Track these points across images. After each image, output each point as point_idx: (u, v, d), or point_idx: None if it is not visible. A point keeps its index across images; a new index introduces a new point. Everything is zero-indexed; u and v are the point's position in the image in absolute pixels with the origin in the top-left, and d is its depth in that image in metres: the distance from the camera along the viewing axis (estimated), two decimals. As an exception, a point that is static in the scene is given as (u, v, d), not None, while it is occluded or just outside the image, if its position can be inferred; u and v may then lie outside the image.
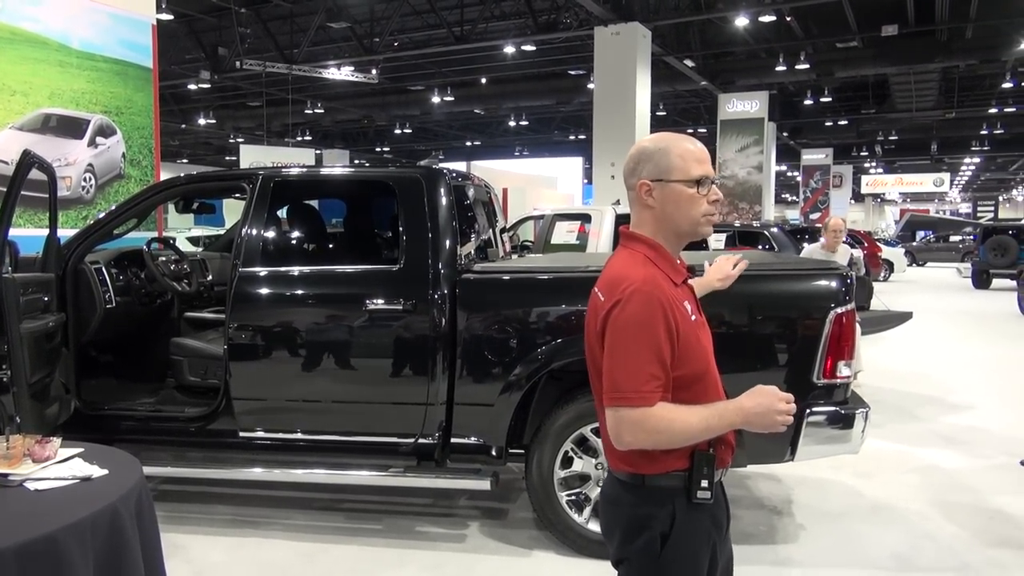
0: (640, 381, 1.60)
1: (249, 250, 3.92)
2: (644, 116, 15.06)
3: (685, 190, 1.70)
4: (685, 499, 1.69)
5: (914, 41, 17.27)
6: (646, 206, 1.74)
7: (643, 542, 1.69)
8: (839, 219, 6.64)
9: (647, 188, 1.72)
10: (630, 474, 1.72)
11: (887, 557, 3.74)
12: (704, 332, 1.78)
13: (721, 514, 1.81)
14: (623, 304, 1.63)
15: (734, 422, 1.67)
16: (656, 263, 1.71)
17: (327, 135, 32.34)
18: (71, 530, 1.85)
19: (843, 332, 3.43)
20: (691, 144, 1.73)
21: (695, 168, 1.70)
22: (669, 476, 1.69)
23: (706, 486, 1.68)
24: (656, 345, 1.61)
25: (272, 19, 17.70)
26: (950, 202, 58.16)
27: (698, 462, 1.68)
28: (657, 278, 1.67)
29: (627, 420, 1.62)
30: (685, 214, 1.71)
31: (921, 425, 6.18)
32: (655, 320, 1.62)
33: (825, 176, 31.98)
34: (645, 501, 1.70)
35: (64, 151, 6.41)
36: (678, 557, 1.69)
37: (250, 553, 3.78)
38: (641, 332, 1.61)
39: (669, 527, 1.68)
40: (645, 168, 1.73)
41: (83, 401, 4.09)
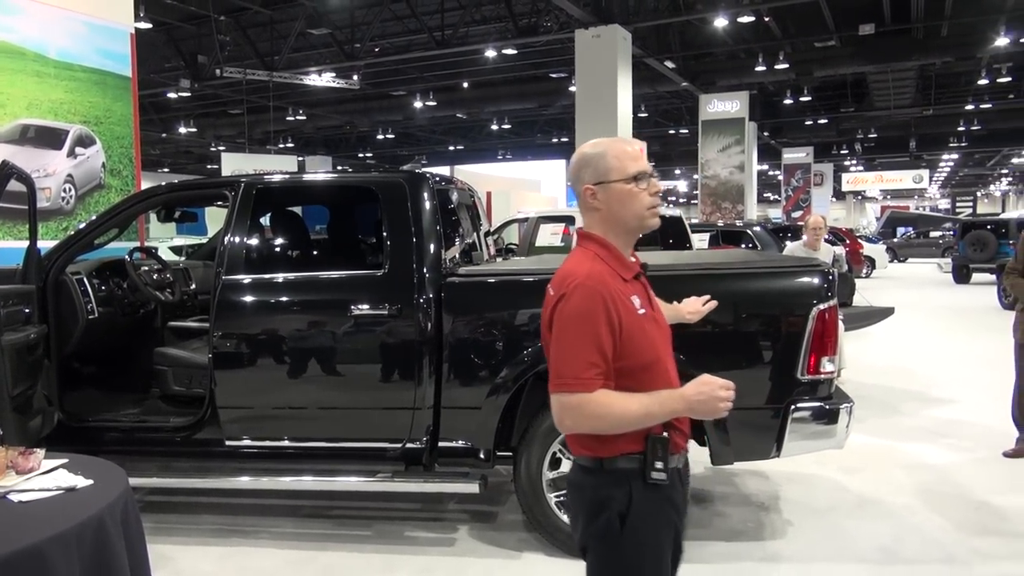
0: (580, 369, 1.71)
1: (232, 258, 3.90)
2: (626, 118, 15.12)
3: (625, 187, 1.82)
4: (641, 480, 1.78)
5: (891, 39, 17.46)
6: (594, 208, 1.85)
7: (603, 522, 1.78)
8: (819, 217, 6.70)
9: (591, 192, 1.84)
10: (589, 458, 1.81)
11: (874, 550, 3.78)
12: (654, 325, 1.87)
13: (679, 499, 1.90)
14: (568, 297, 1.75)
15: (676, 409, 1.76)
16: (605, 260, 1.82)
17: (309, 142, 32.23)
18: (56, 541, 1.84)
19: (826, 328, 3.46)
20: (626, 144, 1.86)
21: (631, 165, 1.82)
22: (625, 458, 1.78)
23: (660, 467, 1.77)
24: (597, 336, 1.72)
25: (252, 26, 17.63)
26: (930, 198, 58.78)
27: (652, 445, 1.77)
28: (603, 274, 1.78)
29: (567, 405, 1.73)
30: (630, 210, 1.83)
31: (905, 419, 6.24)
32: (596, 312, 1.72)
33: (806, 175, 32.22)
34: (604, 483, 1.79)
35: (43, 162, 6.35)
36: (638, 536, 1.78)
37: (238, 562, 3.76)
38: (583, 323, 1.72)
39: (627, 507, 1.77)
40: (586, 173, 1.84)
41: (66, 413, 4.05)
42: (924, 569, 3.59)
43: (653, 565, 1.82)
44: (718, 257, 5.43)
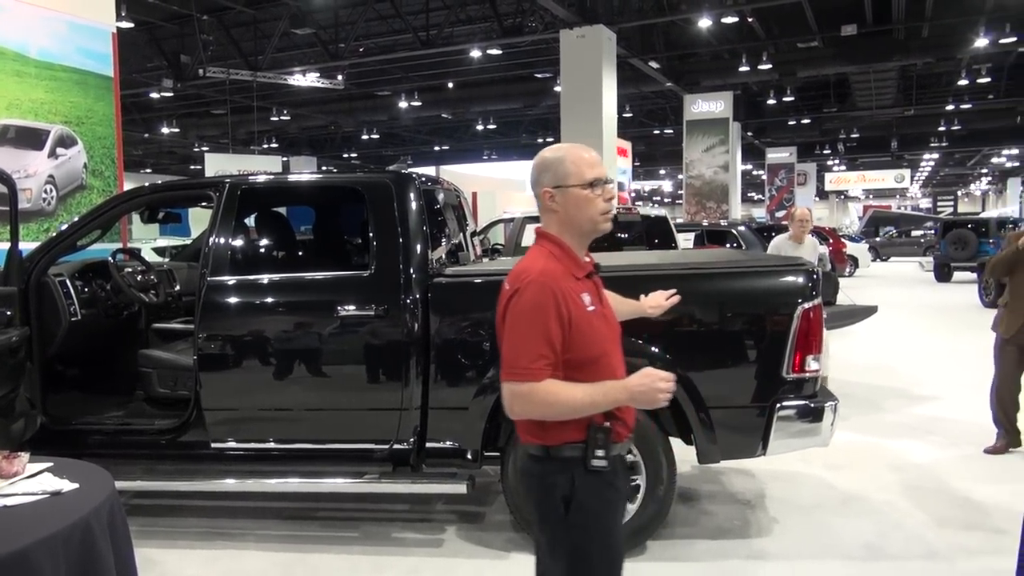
0: (529, 359, 1.83)
1: (217, 259, 3.88)
2: (611, 118, 15.16)
3: (581, 192, 1.93)
4: (583, 467, 1.90)
5: (873, 40, 17.62)
6: (551, 210, 1.96)
7: (550, 507, 1.92)
8: (805, 209, 6.67)
9: (549, 195, 1.95)
10: (537, 446, 1.94)
11: (858, 547, 3.81)
12: (603, 321, 1.98)
13: (623, 485, 2.02)
14: (521, 292, 1.87)
15: (620, 399, 1.89)
16: (559, 259, 1.94)
17: (294, 142, 32.07)
18: (42, 545, 1.82)
19: (811, 327, 3.49)
20: (585, 152, 1.97)
21: (588, 172, 1.93)
22: (569, 447, 1.91)
23: (601, 455, 1.89)
24: (546, 329, 1.84)
25: (235, 26, 17.52)
26: (911, 198, 59.34)
27: (593, 434, 1.89)
28: (556, 271, 1.91)
29: (516, 393, 1.86)
30: (585, 214, 1.94)
31: (888, 416, 6.30)
32: (547, 307, 1.84)
33: (790, 174, 32.46)
34: (550, 470, 1.93)
35: (24, 162, 6.28)
36: (582, 518, 1.90)
37: (225, 565, 3.73)
38: (534, 317, 1.85)
39: (570, 491, 1.90)
40: (546, 177, 1.96)
41: (49, 416, 4.01)
42: (908, 565, 3.62)
43: (601, 546, 1.93)
44: (704, 257, 5.46)
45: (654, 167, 42.34)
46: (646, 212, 9.50)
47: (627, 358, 3.51)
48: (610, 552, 1.94)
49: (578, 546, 1.92)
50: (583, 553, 1.92)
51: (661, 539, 3.84)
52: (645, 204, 42.78)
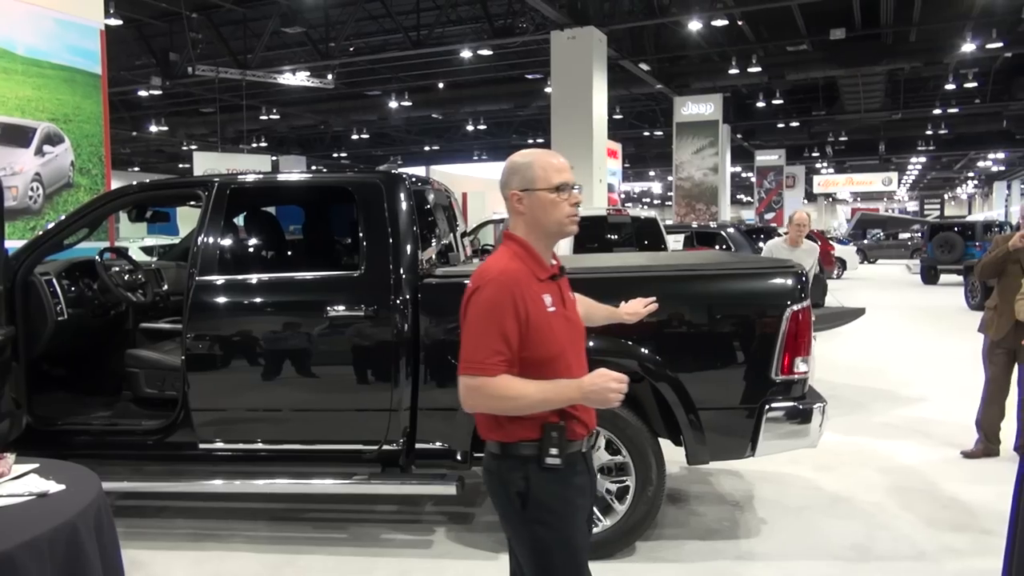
0: (484, 355, 1.88)
1: (206, 258, 3.86)
2: (601, 120, 15.19)
3: (548, 196, 1.99)
4: (536, 464, 1.95)
5: (861, 44, 17.73)
6: (518, 213, 2.02)
7: (508, 501, 1.99)
8: (803, 213, 6.53)
9: (517, 197, 2.01)
10: (496, 443, 2.01)
11: (847, 548, 3.83)
12: (563, 322, 2.03)
13: (584, 482, 2.06)
14: (480, 290, 1.93)
15: (572, 397, 1.92)
16: (523, 259, 2.00)
17: (283, 141, 31.95)
18: (28, 548, 1.80)
19: (799, 329, 3.51)
20: (552, 157, 2.03)
21: (555, 177, 1.99)
22: (525, 444, 1.96)
23: (555, 453, 1.94)
24: (503, 326, 1.89)
25: (224, 24, 17.43)
26: (898, 201, 59.75)
27: (547, 432, 1.94)
28: (517, 271, 1.96)
29: (470, 387, 1.90)
30: (551, 217, 2.00)
31: (877, 418, 6.34)
32: (504, 305, 1.89)
33: (778, 177, 32.62)
34: (506, 467, 1.99)
35: (10, 160, 6.22)
36: (538, 513, 1.96)
37: (213, 567, 3.71)
38: (491, 314, 1.90)
39: (525, 488, 1.95)
40: (514, 180, 2.02)
41: (35, 417, 3.98)
42: (896, 566, 3.64)
43: (560, 541, 1.97)
44: (693, 258, 5.48)
45: (644, 169, 42.45)
46: (636, 214, 9.51)
47: (616, 360, 3.57)
48: (569, 546, 1.98)
49: (537, 540, 1.97)
50: (543, 547, 1.97)
51: (650, 540, 3.85)
52: (635, 206, 42.88)
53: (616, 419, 3.57)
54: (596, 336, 3.59)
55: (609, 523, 3.64)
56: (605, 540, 3.64)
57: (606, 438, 3.61)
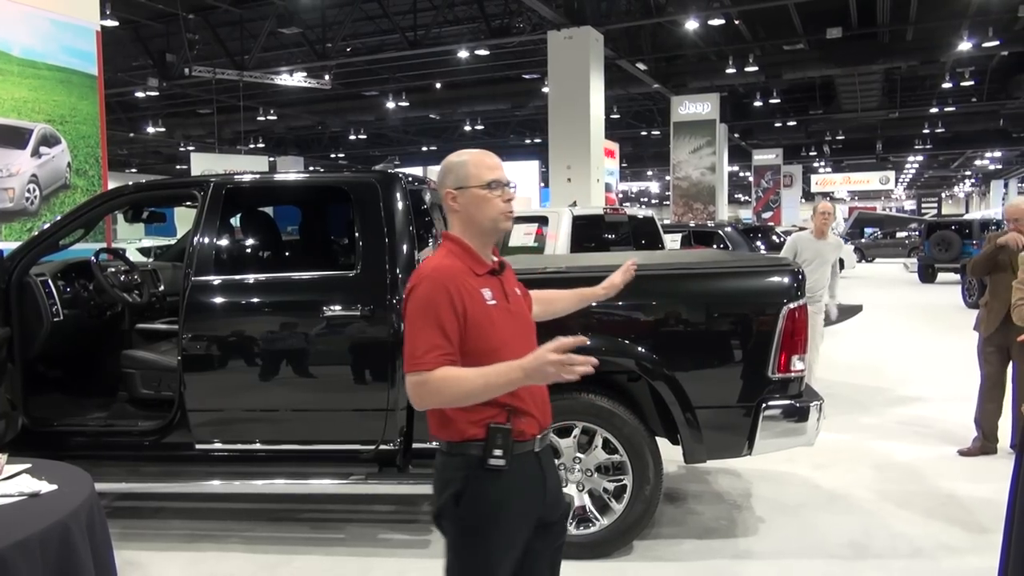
0: (423, 351, 1.89)
1: (202, 259, 3.85)
2: (598, 120, 15.19)
3: (480, 193, 2.02)
4: (479, 465, 1.93)
5: (858, 43, 17.76)
6: (454, 211, 2.06)
7: (445, 500, 1.98)
8: (827, 202, 6.36)
9: (452, 196, 2.05)
10: (443, 442, 2.01)
11: (844, 545, 3.83)
12: (505, 315, 2.04)
13: (534, 487, 2.02)
14: (416, 288, 1.96)
15: (514, 378, 1.86)
16: (459, 256, 2.03)
17: (280, 142, 31.94)
18: (19, 548, 1.80)
19: (796, 327, 3.51)
20: (486, 157, 2.08)
21: (487, 174, 2.03)
22: (469, 444, 1.95)
23: (499, 454, 1.92)
24: (439, 321, 1.91)
25: (221, 25, 17.42)
26: (896, 199, 59.82)
27: (492, 433, 1.93)
28: (452, 268, 1.98)
29: (414, 383, 1.90)
30: (484, 213, 2.03)
31: (873, 416, 6.34)
32: (439, 301, 1.92)
33: (776, 176, 32.64)
34: (449, 465, 1.99)
35: (6, 162, 6.21)
36: (471, 514, 1.94)
37: (209, 568, 3.70)
38: (427, 310, 1.92)
39: (463, 488, 1.94)
40: (448, 179, 2.06)
41: (31, 418, 3.97)
42: (893, 563, 3.64)
43: (480, 544, 1.96)
44: (690, 257, 5.47)
45: (641, 168, 42.46)
46: (633, 213, 9.51)
47: (615, 358, 3.57)
48: (490, 553, 1.96)
49: (460, 541, 1.98)
50: (462, 548, 1.97)
51: (648, 539, 3.84)
52: (632, 205, 42.89)
53: (613, 418, 3.57)
54: (594, 335, 3.60)
55: (606, 522, 3.64)
56: (602, 539, 3.64)
57: (603, 437, 3.61)
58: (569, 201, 11.75)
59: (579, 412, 3.61)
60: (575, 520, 3.65)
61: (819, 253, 6.12)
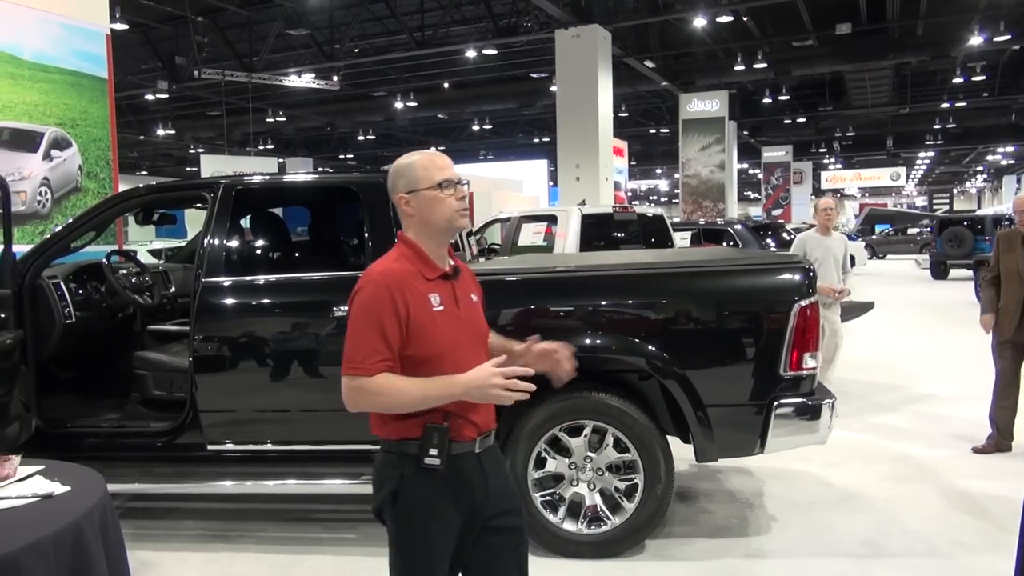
0: (363, 355, 1.90)
1: (212, 260, 3.86)
2: (607, 118, 15.17)
3: (432, 194, 2.00)
4: (415, 463, 1.94)
5: (867, 39, 17.65)
6: (408, 215, 2.04)
7: (382, 498, 2.00)
8: (828, 198, 6.30)
9: (405, 200, 2.02)
10: (382, 440, 2.02)
11: (857, 544, 3.80)
12: (453, 321, 2.01)
13: (472, 487, 2.01)
14: (360, 291, 1.96)
15: (454, 393, 1.90)
16: (410, 260, 2.01)
17: (289, 143, 32.05)
18: (33, 550, 1.80)
19: (808, 324, 3.48)
20: (436, 158, 2.06)
21: (437, 174, 2.01)
22: (405, 443, 1.96)
23: (435, 454, 1.93)
24: (380, 325, 1.90)
25: (230, 27, 17.49)
26: (907, 196, 59.47)
27: (428, 432, 1.93)
28: (399, 272, 1.97)
29: (350, 387, 1.91)
30: (439, 214, 2.01)
31: (886, 414, 6.30)
32: (381, 305, 1.91)
33: (786, 173, 32.51)
34: (387, 463, 2.00)
35: (18, 165, 6.25)
36: (407, 511, 1.96)
37: (222, 568, 3.72)
38: (368, 314, 1.91)
39: (398, 486, 1.96)
40: (400, 184, 2.04)
41: (44, 419, 3.99)
42: (908, 562, 3.61)
43: (417, 540, 1.97)
44: (700, 255, 5.46)
45: (650, 166, 42.39)
46: (642, 211, 9.48)
47: (626, 357, 3.56)
48: (428, 552, 1.97)
49: (398, 538, 1.99)
50: (401, 544, 1.99)
51: (659, 538, 3.83)
52: (642, 203, 42.78)
53: (624, 416, 3.56)
54: (603, 334, 3.59)
55: (618, 521, 3.63)
56: (614, 538, 3.63)
57: (614, 436, 3.60)
58: (578, 200, 11.74)
59: (589, 411, 3.60)
60: (587, 520, 3.64)
61: (828, 250, 6.09)
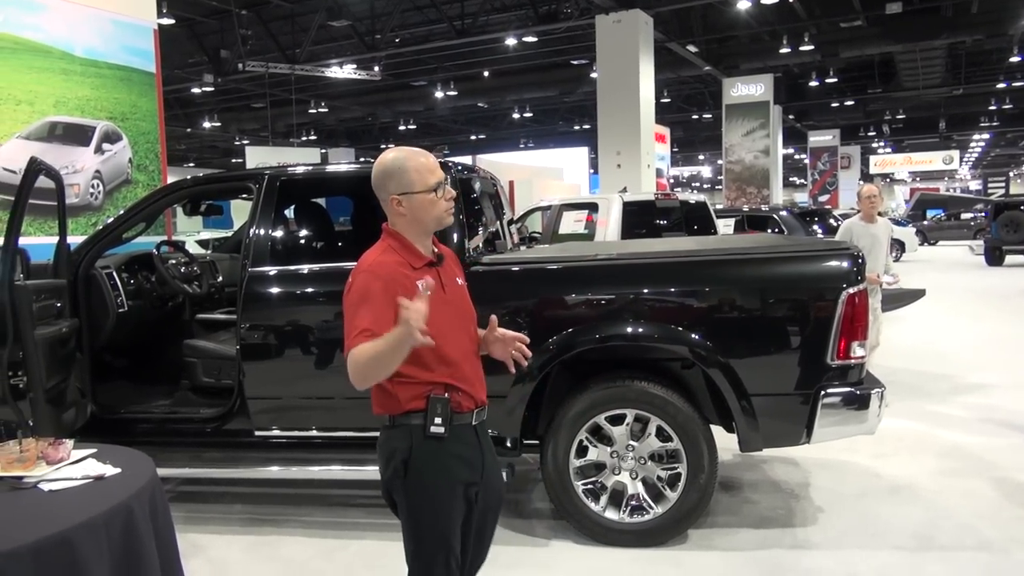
0: (351, 337, 2.05)
1: (258, 250, 3.92)
2: (648, 103, 14.99)
3: (427, 197, 2.13)
4: (421, 433, 2.10)
5: (919, 18, 17.11)
6: (399, 215, 2.16)
7: (393, 469, 2.14)
8: (871, 185, 6.25)
9: (397, 201, 2.14)
10: (386, 416, 2.18)
11: (907, 537, 3.72)
12: (439, 305, 2.10)
13: (473, 456, 2.18)
14: (354, 280, 2.13)
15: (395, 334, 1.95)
16: (397, 251, 2.16)
17: (332, 134, 32.39)
18: (85, 528, 1.87)
19: (856, 312, 3.41)
20: (423, 157, 2.17)
21: (430, 178, 2.13)
22: (411, 415, 2.12)
23: (439, 423, 2.09)
24: (375, 310, 2.04)
25: (273, 20, 17.70)
26: (960, 180, 57.65)
27: (432, 403, 2.10)
28: (389, 262, 2.13)
29: (348, 366, 2.05)
30: (431, 215, 2.15)
31: (938, 404, 6.14)
32: (374, 291, 2.06)
33: (833, 157, 31.79)
34: (394, 436, 2.15)
35: (71, 158, 6.43)
36: (418, 480, 2.11)
37: (269, 551, 3.80)
38: (362, 300, 2.07)
39: (408, 455, 2.11)
40: (391, 185, 2.14)
41: (99, 405, 4.11)
42: (960, 556, 3.53)
43: (431, 507, 2.12)
44: (744, 242, 5.37)
45: (693, 153, 41.82)
46: (685, 198, 9.37)
47: (668, 346, 3.52)
48: (441, 515, 2.12)
49: (412, 507, 2.13)
50: (416, 513, 2.13)
51: (703, 528, 3.80)
52: (684, 190, 42.28)
53: (667, 405, 3.53)
54: (645, 323, 3.56)
55: (660, 510, 3.61)
56: (656, 527, 3.61)
57: (657, 425, 3.57)
58: (619, 187, 11.64)
59: (632, 400, 3.58)
60: (628, 508, 3.63)
61: (875, 238, 5.95)
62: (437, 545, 2.13)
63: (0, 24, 5.94)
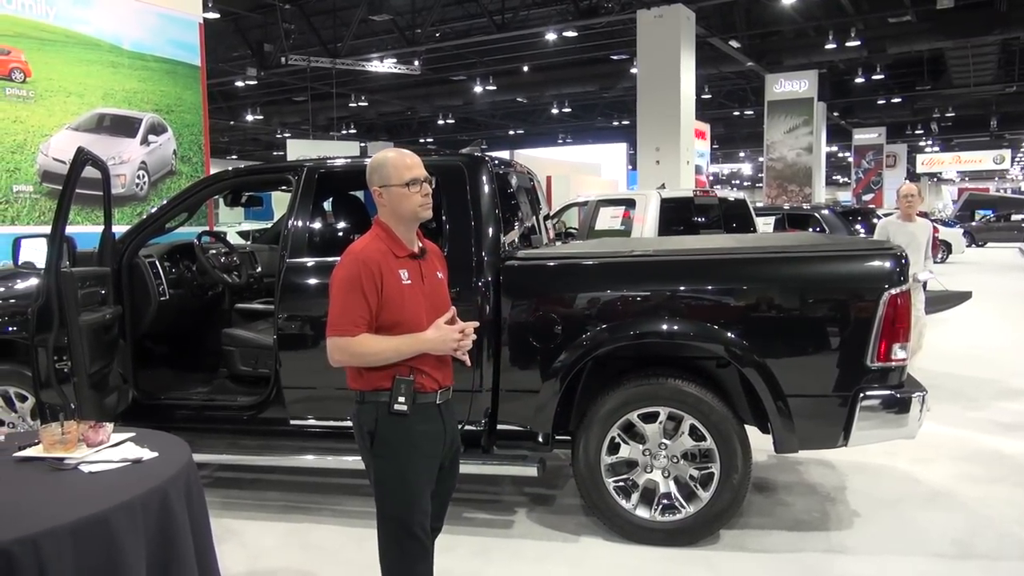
0: (348, 319, 2.32)
1: (296, 241, 3.97)
2: (689, 100, 14.83)
3: (401, 190, 2.42)
4: (386, 409, 2.36)
5: (971, 13, 16.63)
6: (382, 204, 2.46)
7: (361, 440, 2.43)
8: (910, 184, 6.19)
9: (378, 192, 2.45)
10: (357, 391, 2.43)
11: (947, 544, 3.64)
12: (417, 294, 2.41)
13: (435, 430, 2.44)
14: (341, 266, 2.39)
15: (419, 348, 2.36)
16: (383, 240, 2.44)
17: (371, 128, 32.63)
18: (122, 509, 1.92)
19: (898, 314, 3.33)
20: (405, 157, 2.46)
21: (405, 174, 2.42)
22: (378, 392, 2.38)
23: (403, 401, 2.35)
24: (361, 295, 2.31)
25: (315, 14, 17.89)
26: (1012, 180, 55.97)
27: (396, 383, 2.36)
28: (375, 250, 2.39)
29: (336, 345, 2.34)
30: (405, 207, 2.43)
31: (980, 410, 5.98)
32: (358, 276, 2.32)
33: (878, 156, 31.13)
34: (364, 411, 2.41)
35: (118, 149, 6.59)
36: (382, 450, 2.38)
37: (302, 538, 3.85)
38: (348, 285, 2.33)
39: (374, 428, 2.38)
40: (375, 178, 2.46)
41: (140, 391, 4.21)
42: (1000, 565, 3.43)
43: (397, 477, 2.37)
44: (783, 240, 5.29)
45: (733, 150, 41.26)
46: (724, 195, 9.25)
47: (703, 344, 3.48)
48: (403, 480, 2.38)
49: (378, 471, 2.39)
50: (381, 477, 2.39)
51: (735, 528, 3.76)
52: (724, 188, 41.77)
53: (701, 404, 3.49)
54: (681, 320, 3.52)
55: (692, 509, 3.58)
56: (688, 527, 3.58)
57: (690, 423, 3.54)
58: (658, 184, 11.54)
59: (665, 397, 3.55)
60: (660, 507, 3.60)
61: (912, 237, 5.82)
62: (402, 510, 2.37)
63: (52, 18, 6.10)
